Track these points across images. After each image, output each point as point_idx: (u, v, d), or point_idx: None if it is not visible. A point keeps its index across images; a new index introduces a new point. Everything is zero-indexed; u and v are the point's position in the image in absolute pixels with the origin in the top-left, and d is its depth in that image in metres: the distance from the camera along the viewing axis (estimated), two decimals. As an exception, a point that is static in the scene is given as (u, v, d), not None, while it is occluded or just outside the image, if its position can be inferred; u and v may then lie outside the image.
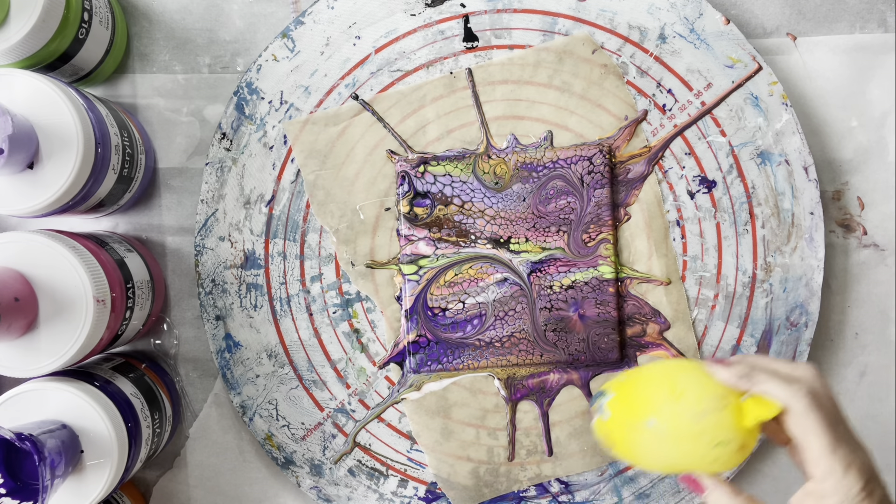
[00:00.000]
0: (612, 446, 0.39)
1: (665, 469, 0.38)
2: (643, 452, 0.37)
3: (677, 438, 0.36)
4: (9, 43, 0.40)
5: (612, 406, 0.38)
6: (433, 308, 0.49)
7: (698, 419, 0.36)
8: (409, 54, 0.49)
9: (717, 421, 0.36)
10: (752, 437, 0.36)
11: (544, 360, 0.49)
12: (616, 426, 0.38)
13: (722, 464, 0.37)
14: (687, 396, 0.36)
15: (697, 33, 0.49)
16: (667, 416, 0.36)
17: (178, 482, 0.51)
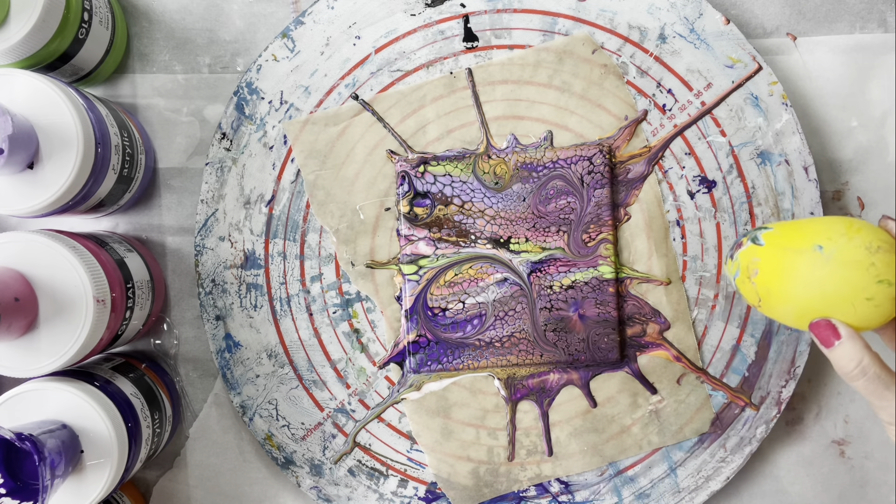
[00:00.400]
0: (753, 273, 0.38)
1: (812, 303, 0.37)
2: (793, 280, 0.37)
3: (845, 264, 0.36)
4: (9, 43, 0.40)
5: (770, 235, 0.38)
6: (433, 308, 0.49)
7: (872, 251, 0.36)
8: (409, 54, 0.49)
9: (889, 260, 0.35)
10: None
11: (544, 360, 0.49)
12: (770, 251, 0.38)
13: (873, 309, 0.36)
14: (863, 231, 0.36)
15: (697, 33, 0.49)
16: (838, 244, 0.36)
17: (178, 482, 0.51)
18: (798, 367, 0.49)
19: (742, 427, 0.49)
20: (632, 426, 0.49)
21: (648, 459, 0.49)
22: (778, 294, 0.38)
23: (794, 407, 0.51)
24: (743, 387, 0.49)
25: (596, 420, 0.49)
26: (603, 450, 0.49)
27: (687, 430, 0.49)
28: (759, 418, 0.49)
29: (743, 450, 0.49)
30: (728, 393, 0.49)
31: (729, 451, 0.49)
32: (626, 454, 0.49)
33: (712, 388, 0.49)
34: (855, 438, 0.51)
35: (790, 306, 0.38)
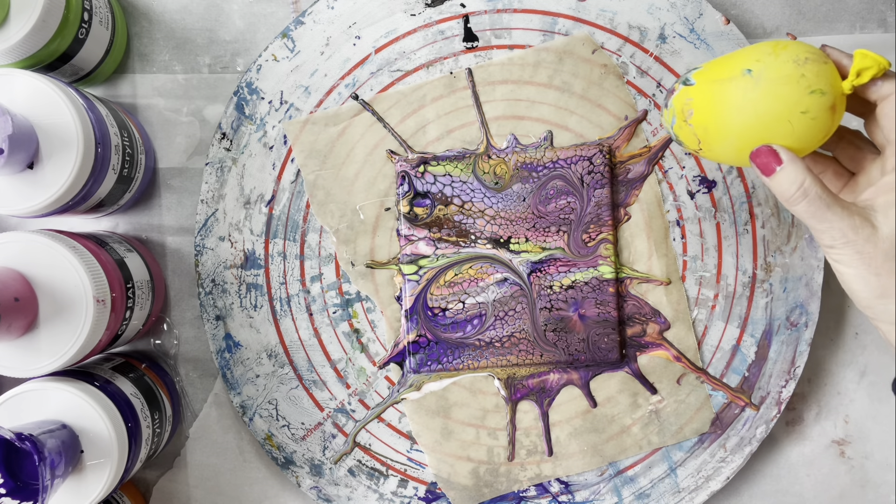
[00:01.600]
0: (688, 114, 0.37)
1: (750, 130, 0.36)
2: (728, 109, 0.36)
3: (775, 81, 0.35)
4: (9, 43, 0.40)
5: (700, 74, 0.38)
6: (433, 308, 0.49)
7: (800, 63, 0.35)
8: (409, 54, 0.49)
9: (819, 69, 0.35)
10: (842, 101, 0.35)
11: (544, 360, 0.49)
12: (700, 88, 0.37)
13: (810, 122, 0.35)
14: (790, 49, 0.36)
15: (697, 33, 0.49)
16: (766, 63, 0.35)
17: (178, 482, 0.51)
18: (798, 367, 0.49)
19: (742, 427, 0.49)
20: (632, 426, 0.49)
21: (648, 459, 0.49)
22: (715, 130, 0.37)
23: (794, 407, 0.51)
24: (743, 387, 0.49)
25: (596, 420, 0.49)
26: (603, 450, 0.49)
27: (687, 430, 0.49)
28: (759, 418, 0.49)
29: (743, 450, 0.49)
30: (728, 393, 0.49)
31: (729, 451, 0.49)
32: (626, 454, 0.49)
33: (712, 388, 0.49)
34: (855, 438, 0.51)
35: (729, 140, 0.37)
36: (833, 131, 0.36)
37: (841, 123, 0.37)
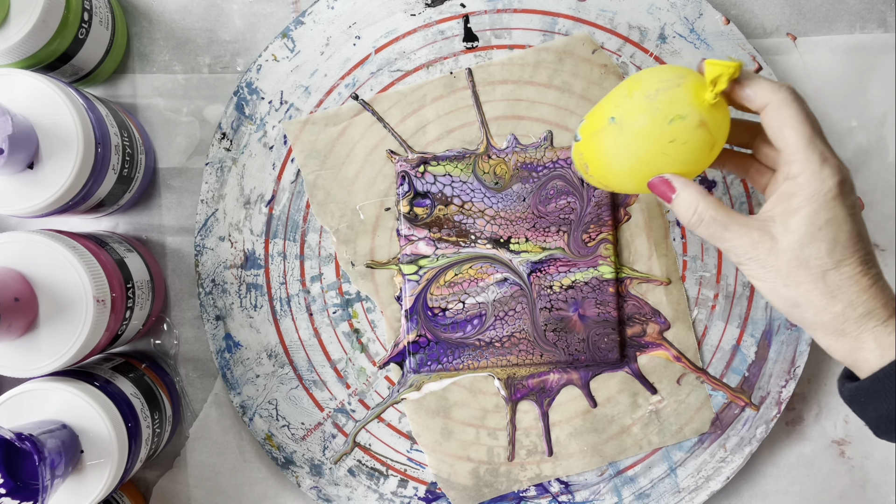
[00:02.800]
0: (585, 167, 0.39)
1: (634, 170, 0.37)
2: (611, 157, 0.37)
3: (634, 123, 0.36)
4: (9, 43, 0.40)
5: (583, 128, 0.39)
6: (433, 308, 0.49)
7: (652, 98, 0.35)
8: (409, 54, 0.49)
9: (672, 96, 0.35)
10: (713, 113, 0.35)
11: (544, 360, 0.49)
12: (585, 142, 0.38)
13: (681, 147, 0.36)
14: (643, 83, 0.36)
15: (697, 33, 0.49)
16: (623, 107, 0.36)
17: (178, 482, 0.51)
18: (798, 367, 0.49)
19: (742, 427, 0.49)
20: (632, 426, 0.49)
21: (648, 459, 0.49)
22: (611, 175, 0.38)
23: (794, 407, 0.51)
24: (743, 387, 0.49)
25: (596, 420, 0.49)
26: (603, 450, 0.49)
27: (687, 430, 0.49)
28: (759, 418, 0.49)
29: (743, 450, 0.49)
30: (728, 393, 0.49)
31: (729, 451, 0.49)
32: (626, 454, 0.49)
33: (712, 388, 0.49)
34: (855, 438, 0.51)
35: (625, 180, 0.38)
36: (721, 140, 0.36)
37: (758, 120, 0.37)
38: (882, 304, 0.34)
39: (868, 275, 0.34)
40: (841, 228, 0.33)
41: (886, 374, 0.33)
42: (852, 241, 0.34)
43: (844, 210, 0.33)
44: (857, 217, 0.34)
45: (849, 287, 0.34)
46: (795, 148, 0.34)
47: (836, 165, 0.34)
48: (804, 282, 0.34)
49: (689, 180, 0.37)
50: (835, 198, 0.33)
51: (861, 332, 0.34)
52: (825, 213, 0.33)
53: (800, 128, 0.34)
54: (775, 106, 0.34)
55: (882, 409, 0.33)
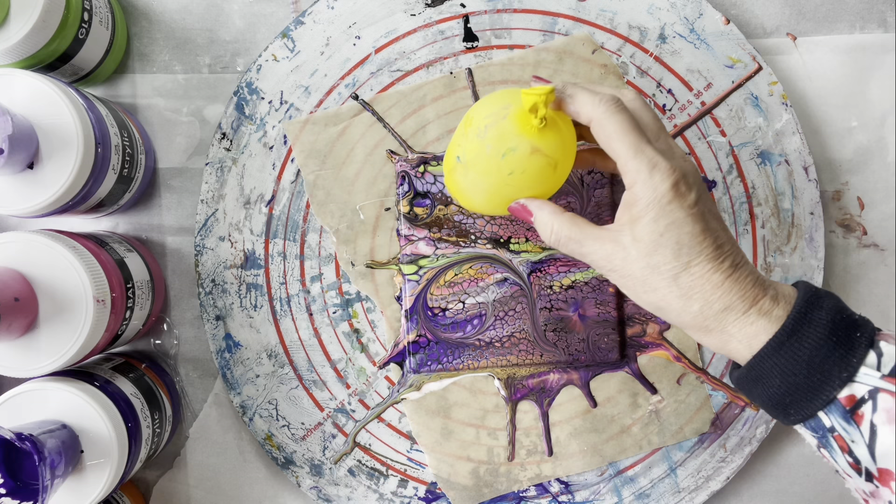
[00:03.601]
0: (455, 200, 0.41)
1: (489, 201, 0.38)
2: (467, 193, 0.38)
3: (473, 161, 0.37)
4: (9, 43, 0.40)
5: (444, 164, 0.40)
6: (433, 308, 0.49)
7: (482, 135, 0.36)
8: (409, 54, 0.49)
9: (499, 130, 0.36)
10: (545, 136, 0.36)
11: (544, 360, 0.49)
12: (446, 178, 0.40)
13: (521, 176, 0.36)
14: (474, 120, 0.37)
15: (697, 33, 0.49)
16: (464, 146, 0.37)
17: (178, 482, 0.51)
18: (798, 367, 0.49)
19: (742, 427, 0.49)
20: (632, 426, 0.49)
21: (648, 459, 0.49)
22: (473, 206, 0.39)
23: (794, 407, 0.51)
24: (743, 387, 0.49)
25: (596, 420, 0.49)
26: (603, 450, 0.49)
27: (687, 430, 0.49)
28: (759, 418, 0.49)
29: (743, 450, 0.49)
30: (728, 393, 0.49)
31: (729, 451, 0.49)
32: (626, 454, 0.49)
33: (712, 388, 0.49)
34: (855, 438, 0.51)
35: (487, 209, 0.39)
36: (564, 157, 0.37)
37: None
38: (739, 296, 0.34)
39: (719, 270, 0.34)
40: (682, 231, 0.34)
41: (757, 363, 0.34)
42: (696, 241, 0.34)
43: (683, 211, 0.34)
44: (701, 214, 0.34)
45: (701, 286, 0.34)
46: (625, 159, 0.34)
47: (666, 169, 0.34)
48: (659, 287, 0.35)
49: (542, 202, 0.38)
50: (670, 202, 0.34)
51: (724, 326, 0.34)
52: (664, 218, 0.34)
53: (624, 138, 0.34)
54: (598, 122, 0.35)
55: (763, 394, 0.34)
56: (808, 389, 0.32)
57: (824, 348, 0.32)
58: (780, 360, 0.33)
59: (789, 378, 0.33)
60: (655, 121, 0.36)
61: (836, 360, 0.32)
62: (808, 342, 0.32)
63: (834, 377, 0.32)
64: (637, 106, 0.37)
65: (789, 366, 0.33)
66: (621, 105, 0.35)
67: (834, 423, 0.33)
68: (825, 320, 0.33)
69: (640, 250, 0.34)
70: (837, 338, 0.32)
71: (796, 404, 0.33)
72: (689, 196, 0.34)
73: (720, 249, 0.34)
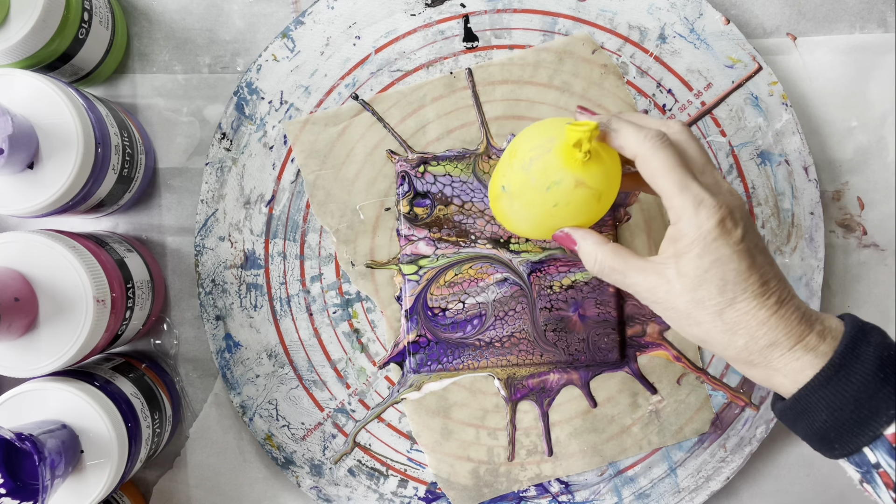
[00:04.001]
0: (501, 225, 0.41)
1: (534, 228, 0.39)
2: (512, 220, 0.39)
3: (518, 192, 0.38)
4: (9, 43, 0.40)
5: (490, 191, 0.41)
6: (433, 308, 0.49)
7: (527, 168, 0.37)
8: (409, 54, 0.49)
9: (544, 164, 0.36)
10: (588, 169, 0.36)
11: (544, 360, 0.49)
12: (492, 204, 0.41)
13: (566, 208, 0.37)
14: (519, 152, 0.38)
15: (697, 33, 0.49)
16: (509, 176, 0.38)
17: (178, 482, 0.51)
18: (798, 367, 0.49)
19: (742, 427, 0.49)
20: (632, 426, 0.49)
21: (648, 459, 0.49)
22: (519, 231, 0.40)
23: (794, 407, 0.51)
24: (743, 387, 0.49)
25: (596, 420, 0.49)
26: (603, 450, 0.49)
27: (687, 430, 0.49)
28: (759, 418, 0.49)
29: (743, 450, 0.49)
30: (728, 393, 0.49)
31: (729, 451, 0.49)
32: (626, 454, 0.49)
33: (712, 388, 0.49)
34: (855, 438, 0.51)
35: (532, 235, 0.40)
36: (608, 188, 0.37)
37: None
38: (784, 333, 0.34)
39: (765, 307, 0.34)
40: (728, 268, 0.34)
41: (803, 396, 0.34)
42: (742, 278, 0.34)
43: (729, 248, 0.34)
44: (748, 250, 0.34)
45: (747, 322, 0.34)
46: (669, 195, 0.34)
47: (713, 206, 0.34)
48: (704, 321, 0.35)
49: (586, 231, 0.38)
50: (716, 239, 0.34)
51: (769, 361, 0.34)
52: (709, 255, 0.34)
53: (669, 175, 0.34)
54: (643, 158, 0.35)
55: (808, 428, 0.34)
56: (855, 425, 0.32)
57: (872, 384, 0.32)
58: (826, 394, 0.33)
59: (836, 413, 0.33)
60: (702, 154, 0.36)
61: (884, 396, 0.32)
62: (855, 377, 0.32)
63: (882, 413, 0.32)
64: (682, 139, 0.36)
65: (836, 401, 0.33)
66: (666, 141, 0.35)
67: (879, 458, 0.32)
68: (873, 356, 0.32)
69: (684, 285, 0.34)
70: (885, 374, 0.32)
71: (842, 439, 0.33)
72: (736, 232, 0.34)
73: (766, 286, 0.34)
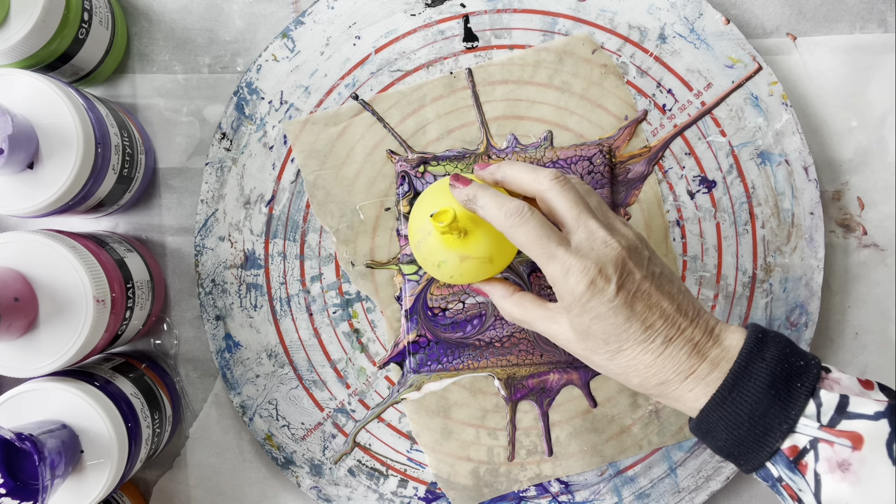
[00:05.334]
0: None
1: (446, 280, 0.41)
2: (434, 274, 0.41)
3: (421, 261, 0.41)
4: (9, 43, 0.40)
5: None
6: (433, 308, 0.49)
7: (418, 248, 0.40)
8: (409, 54, 0.49)
9: (427, 246, 0.40)
10: (468, 244, 0.39)
11: (544, 360, 0.49)
12: None
13: (462, 275, 0.40)
14: (411, 229, 0.41)
15: (697, 33, 0.49)
16: (411, 242, 0.41)
17: (178, 482, 0.51)
18: (798, 367, 0.49)
19: (742, 427, 0.49)
20: (632, 426, 0.49)
21: (648, 459, 0.49)
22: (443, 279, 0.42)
23: (794, 407, 0.51)
24: (743, 387, 0.49)
25: (596, 420, 0.49)
26: (603, 450, 0.49)
27: (687, 430, 0.49)
28: (759, 418, 0.49)
29: (743, 450, 0.49)
30: (728, 393, 0.49)
31: (729, 451, 0.49)
32: (626, 454, 0.49)
33: (712, 388, 0.49)
34: (855, 438, 0.51)
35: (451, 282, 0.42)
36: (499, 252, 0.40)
37: None
38: (673, 370, 0.35)
39: (648, 351, 0.35)
40: (606, 322, 0.35)
41: (703, 417, 0.35)
42: (621, 330, 0.35)
43: (603, 306, 0.35)
44: (624, 303, 0.35)
45: (635, 366, 0.36)
46: (541, 265, 0.36)
47: (580, 271, 0.35)
48: (600, 364, 0.37)
49: (493, 285, 0.41)
50: (589, 300, 0.35)
51: (665, 393, 0.36)
52: (587, 314, 0.35)
53: (535, 248, 0.36)
54: (508, 234, 0.37)
55: (714, 446, 0.35)
56: (753, 441, 0.34)
57: (764, 401, 0.33)
58: (723, 414, 0.34)
59: (734, 431, 0.34)
60: (572, 207, 0.37)
61: (775, 412, 0.33)
62: (748, 396, 0.33)
63: (775, 429, 0.33)
64: (552, 195, 0.37)
65: (732, 419, 0.34)
66: (525, 215, 0.36)
67: (781, 472, 0.33)
68: (765, 372, 0.33)
69: (575, 335, 0.37)
70: (776, 390, 0.33)
71: (744, 456, 0.34)
72: (608, 290, 0.35)
73: (649, 331, 0.35)
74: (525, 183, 0.38)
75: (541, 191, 0.38)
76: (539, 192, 0.38)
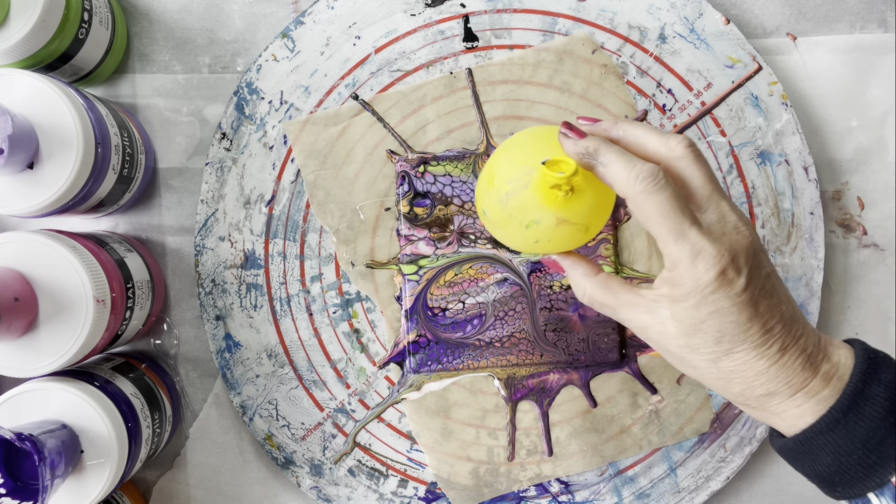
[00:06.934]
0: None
1: (527, 251, 0.36)
2: (501, 240, 0.36)
3: (498, 223, 0.35)
4: (9, 43, 0.40)
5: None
6: (433, 308, 0.49)
7: (505, 202, 0.34)
8: (409, 54, 0.49)
9: (521, 200, 0.33)
10: (571, 206, 0.33)
11: (544, 360, 0.49)
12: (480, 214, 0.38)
13: (549, 242, 0.34)
14: (496, 181, 0.34)
15: (697, 33, 0.49)
16: (487, 203, 0.35)
17: (178, 482, 0.51)
18: (798, 367, 0.49)
19: (742, 427, 0.49)
20: (632, 426, 0.49)
21: (648, 459, 0.49)
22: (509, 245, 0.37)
23: (794, 407, 0.51)
24: (743, 387, 0.49)
25: (596, 420, 0.49)
26: (603, 450, 0.49)
27: (687, 430, 0.49)
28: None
29: (743, 450, 0.49)
30: (728, 393, 0.49)
31: (729, 451, 0.49)
32: (626, 454, 0.49)
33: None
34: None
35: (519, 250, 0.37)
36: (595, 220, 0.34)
37: None
38: (784, 382, 0.32)
39: (764, 357, 0.31)
40: (726, 320, 0.31)
41: (806, 438, 0.32)
42: (741, 330, 0.31)
43: (728, 300, 0.31)
44: (750, 299, 0.31)
45: (743, 372, 0.32)
46: (664, 243, 0.32)
47: (712, 256, 0.31)
48: (698, 366, 0.33)
49: (575, 260, 0.36)
50: (714, 291, 0.31)
51: (766, 406, 0.32)
52: (706, 307, 0.31)
53: (664, 223, 0.31)
54: (633, 202, 0.32)
55: (810, 470, 0.32)
56: (862, 471, 0.30)
57: (881, 429, 0.30)
58: (832, 438, 0.31)
59: (842, 458, 0.31)
60: (706, 181, 0.32)
61: (892, 442, 0.30)
62: (864, 422, 0.30)
63: (891, 460, 0.30)
64: (684, 165, 0.33)
65: (843, 445, 0.31)
66: (660, 181, 0.31)
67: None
68: (883, 397, 0.30)
69: (678, 329, 0.32)
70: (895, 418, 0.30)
71: (846, 483, 0.31)
72: (738, 282, 0.31)
73: (768, 334, 0.31)
74: (651, 146, 0.33)
75: (672, 158, 0.33)
76: (668, 160, 0.33)
